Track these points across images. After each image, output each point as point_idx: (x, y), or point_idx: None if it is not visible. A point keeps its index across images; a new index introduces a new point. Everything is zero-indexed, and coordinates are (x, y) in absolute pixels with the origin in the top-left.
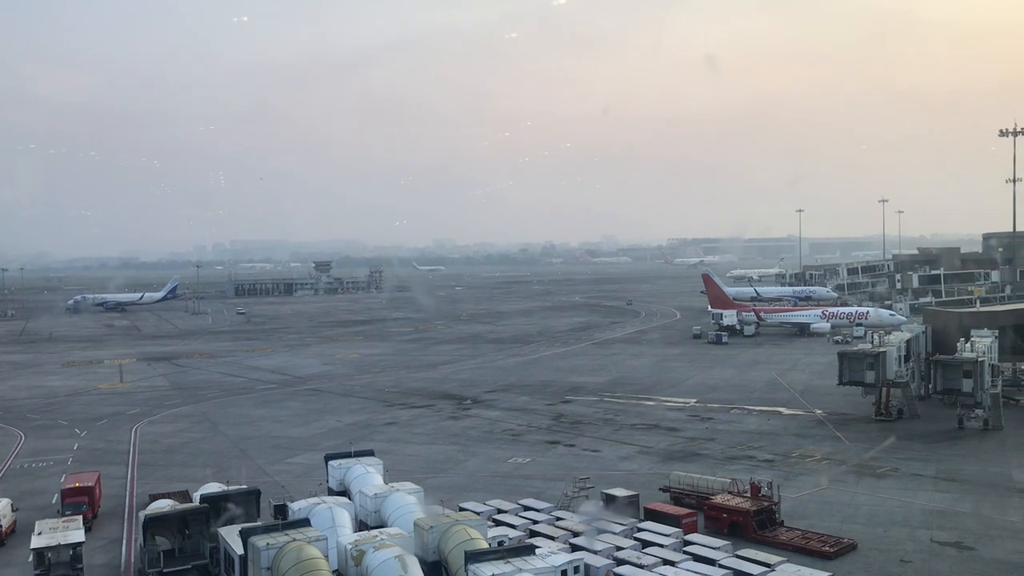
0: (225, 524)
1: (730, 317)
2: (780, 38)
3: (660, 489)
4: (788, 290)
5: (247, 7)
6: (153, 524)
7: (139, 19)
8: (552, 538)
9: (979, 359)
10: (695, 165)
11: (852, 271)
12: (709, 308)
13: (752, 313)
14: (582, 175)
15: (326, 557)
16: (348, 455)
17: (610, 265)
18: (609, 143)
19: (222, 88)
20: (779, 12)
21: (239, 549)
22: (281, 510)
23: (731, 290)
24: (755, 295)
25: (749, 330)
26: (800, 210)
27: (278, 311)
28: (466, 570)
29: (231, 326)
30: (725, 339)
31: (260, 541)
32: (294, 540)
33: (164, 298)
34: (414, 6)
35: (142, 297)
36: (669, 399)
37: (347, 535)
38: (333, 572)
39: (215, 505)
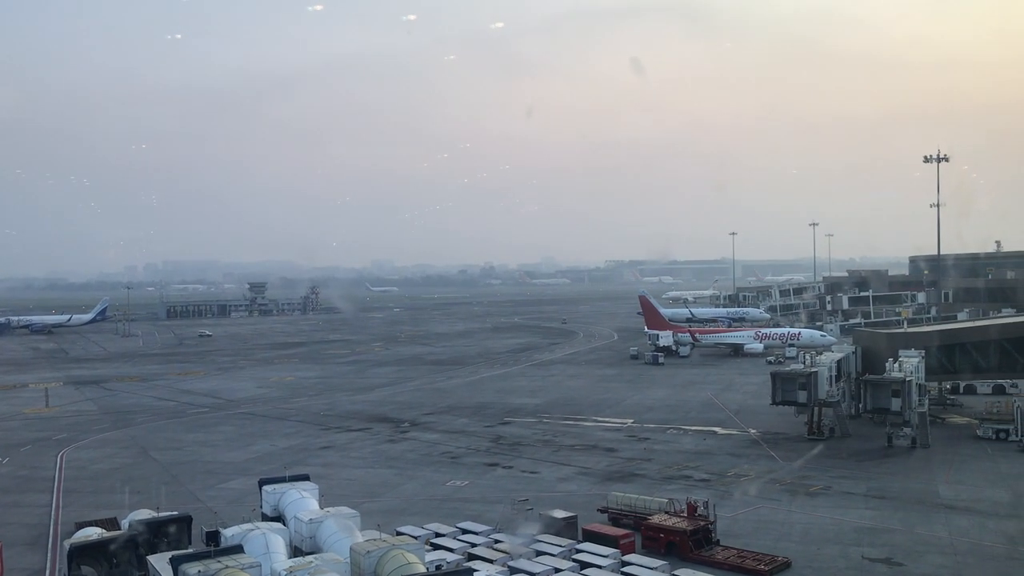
0: (155, 552)
1: (666, 338)
2: (708, 67)
3: (598, 510)
4: (722, 311)
5: (180, 26)
6: (79, 553)
7: (67, 35)
8: (490, 561)
9: (907, 379)
10: (630, 188)
11: (784, 293)
12: (646, 329)
13: (687, 334)
14: (521, 197)
15: None
16: (283, 480)
17: (549, 287)
18: (546, 166)
19: (154, 106)
20: (707, 42)
21: None
22: (213, 536)
23: (667, 311)
24: (690, 316)
25: (684, 351)
26: (733, 233)
27: (211, 333)
28: None
29: (162, 348)
30: (661, 360)
31: (191, 569)
32: (227, 567)
33: (93, 320)
34: (350, 27)
35: (70, 319)
36: (607, 420)
37: (281, 561)
38: None
39: (144, 532)
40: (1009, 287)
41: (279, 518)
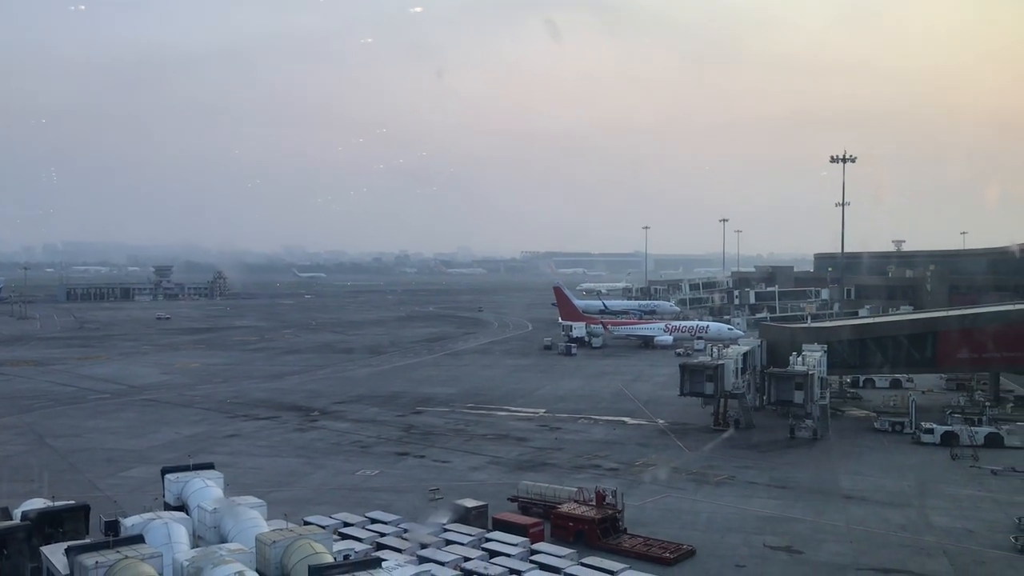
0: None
1: (579, 329)
2: (623, 62)
3: (509, 499)
4: (634, 304)
5: None
6: None
7: None
8: (399, 551)
9: (810, 372)
10: (546, 180)
11: (694, 287)
12: (560, 320)
13: (600, 325)
14: (437, 185)
15: (161, 575)
16: (186, 468)
17: (465, 276)
18: (464, 155)
19: (53, 81)
20: (624, 38)
21: (64, 569)
22: (113, 526)
23: (581, 303)
24: (603, 308)
25: (597, 342)
26: (646, 227)
27: (114, 317)
28: None
29: (62, 332)
30: (574, 351)
31: (88, 559)
32: (126, 557)
33: None
34: (265, 7)
35: None
36: (519, 409)
37: (184, 551)
38: None
39: (38, 523)
40: (908, 285)
41: (182, 507)
